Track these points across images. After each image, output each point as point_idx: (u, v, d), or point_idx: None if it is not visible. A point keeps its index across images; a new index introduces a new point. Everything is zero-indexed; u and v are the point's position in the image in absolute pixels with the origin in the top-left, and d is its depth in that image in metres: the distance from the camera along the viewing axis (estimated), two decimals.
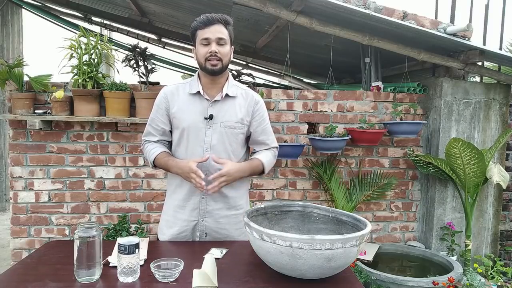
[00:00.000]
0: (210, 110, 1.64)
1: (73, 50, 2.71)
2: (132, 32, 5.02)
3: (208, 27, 1.57)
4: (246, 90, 1.74)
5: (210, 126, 1.64)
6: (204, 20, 1.57)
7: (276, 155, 1.84)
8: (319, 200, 3.15)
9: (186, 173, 1.57)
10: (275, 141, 1.83)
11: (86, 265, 1.23)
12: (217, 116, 1.64)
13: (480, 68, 3.08)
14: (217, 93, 1.67)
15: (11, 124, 2.82)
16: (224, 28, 1.59)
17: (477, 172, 2.72)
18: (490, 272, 2.95)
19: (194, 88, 1.66)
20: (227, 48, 1.61)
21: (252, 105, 1.71)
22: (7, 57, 5.18)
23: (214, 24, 1.57)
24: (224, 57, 1.59)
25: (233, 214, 1.72)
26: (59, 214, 2.92)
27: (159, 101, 1.70)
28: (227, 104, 1.67)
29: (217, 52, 1.57)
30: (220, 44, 1.58)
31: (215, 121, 1.64)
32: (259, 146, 1.78)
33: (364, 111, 3.13)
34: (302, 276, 1.24)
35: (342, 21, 2.72)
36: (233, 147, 1.68)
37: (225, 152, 1.66)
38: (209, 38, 1.56)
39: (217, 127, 1.65)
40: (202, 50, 1.58)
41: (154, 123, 1.72)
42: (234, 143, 1.69)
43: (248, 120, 1.70)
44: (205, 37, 1.57)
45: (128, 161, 2.95)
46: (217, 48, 1.57)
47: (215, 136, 1.64)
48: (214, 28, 1.57)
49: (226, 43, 1.60)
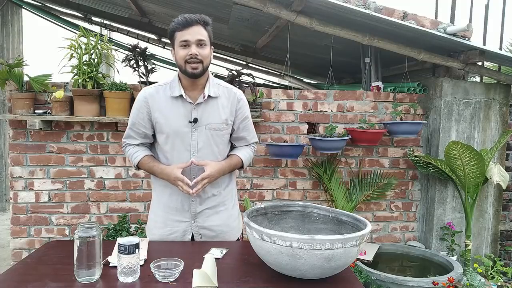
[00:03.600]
0: (194, 113, 1.62)
1: (73, 50, 2.71)
2: (132, 32, 5.02)
3: (186, 28, 1.53)
4: (228, 87, 1.72)
5: (195, 129, 1.63)
6: (182, 21, 1.54)
7: (255, 150, 1.87)
8: (319, 200, 3.15)
9: (172, 180, 1.60)
10: (255, 137, 1.83)
11: (86, 265, 1.23)
12: (201, 119, 1.62)
13: (480, 68, 3.08)
14: (198, 95, 1.63)
15: (11, 124, 2.82)
16: (203, 29, 1.56)
17: (477, 172, 2.72)
18: (490, 272, 2.95)
19: (176, 91, 1.62)
20: (207, 50, 1.57)
21: (235, 104, 1.70)
22: (7, 57, 5.18)
23: (193, 26, 1.53)
24: (204, 59, 1.56)
25: (221, 209, 1.74)
26: (59, 214, 2.92)
27: (139, 105, 1.65)
28: (210, 106, 1.64)
29: (197, 54, 1.54)
30: (200, 46, 1.55)
31: (200, 124, 1.62)
32: (240, 142, 1.79)
33: (364, 111, 3.13)
34: (302, 276, 1.24)
35: (342, 21, 2.72)
36: (219, 148, 1.68)
37: (212, 155, 1.66)
38: (188, 40, 1.53)
39: (202, 130, 1.63)
40: (182, 52, 1.55)
41: (135, 127, 1.67)
42: (221, 144, 1.69)
43: (232, 120, 1.70)
44: (184, 39, 1.53)
45: (128, 161, 2.94)
46: (197, 50, 1.54)
47: (201, 139, 1.63)
48: (193, 29, 1.53)
49: (206, 45, 1.57)
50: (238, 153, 1.75)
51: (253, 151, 1.84)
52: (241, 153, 1.75)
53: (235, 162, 1.72)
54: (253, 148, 1.84)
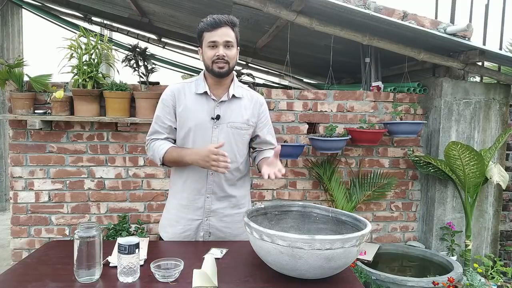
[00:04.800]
0: (217, 110, 1.66)
1: (73, 50, 2.70)
2: (132, 32, 5.02)
3: (215, 29, 1.56)
4: (251, 91, 1.77)
5: (217, 126, 1.65)
6: (211, 22, 1.57)
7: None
8: (319, 200, 3.15)
9: (205, 156, 1.52)
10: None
11: (86, 265, 1.23)
12: (223, 116, 1.66)
13: (480, 68, 3.08)
14: (223, 94, 1.68)
15: (11, 124, 2.82)
16: (231, 31, 1.59)
17: (477, 173, 2.72)
18: (490, 272, 2.95)
19: (201, 88, 1.66)
20: (234, 51, 1.61)
21: (257, 107, 1.74)
22: (7, 57, 5.18)
23: (221, 27, 1.57)
24: (231, 60, 1.60)
25: (236, 213, 1.74)
26: (59, 214, 2.92)
27: (166, 99, 1.69)
28: (233, 105, 1.69)
29: (225, 55, 1.57)
30: (228, 47, 1.59)
31: (222, 121, 1.66)
32: (266, 146, 1.81)
33: (364, 111, 3.13)
34: (302, 276, 1.24)
35: (342, 21, 2.72)
36: (239, 147, 1.70)
37: (231, 152, 1.66)
38: (217, 41, 1.57)
39: (223, 127, 1.66)
40: (210, 52, 1.59)
41: (160, 121, 1.69)
42: (240, 143, 1.71)
43: (254, 122, 1.73)
44: (213, 40, 1.57)
45: (128, 161, 2.95)
46: (224, 51, 1.57)
47: (222, 136, 1.65)
48: (221, 31, 1.57)
49: (233, 46, 1.60)
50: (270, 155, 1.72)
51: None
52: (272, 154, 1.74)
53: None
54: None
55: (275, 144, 1.82)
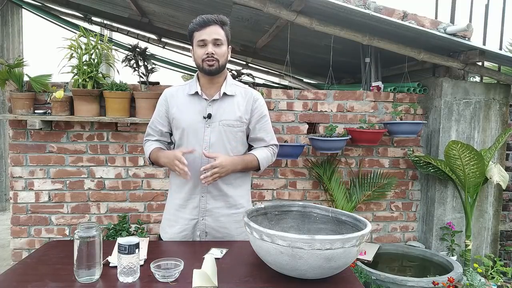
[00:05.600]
0: (209, 109, 1.67)
1: (73, 50, 2.70)
2: (132, 32, 5.02)
3: (204, 28, 1.60)
4: (246, 88, 1.76)
5: (209, 125, 1.67)
6: (200, 21, 1.60)
7: (275, 153, 1.84)
8: (319, 200, 3.15)
9: (172, 160, 1.58)
10: (275, 139, 1.83)
11: (86, 265, 1.23)
12: (215, 115, 1.67)
13: (480, 68, 3.08)
14: (215, 93, 1.69)
15: (11, 124, 2.82)
16: (220, 29, 1.62)
17: (477, 172, 2.72)
18: (490, 272, 2.95)
19: (193, 89, 1.69)
20: (224, 49, 1.63)
21: (251, 103, 1.73)
22: (7, 57, 5.18)
23: (210, 26, 1.60)
24: (220, 57, 1.62)
25: (233, 213, 1.73)
26: (59, 214, 2.92)
27: (160, 103, 1.77)
28: (226, 103, 1.69)
29: (214, 53, 1.60)
30: (217, 45, 1.61)
31: (214, 120, 1.66)
32: (258, 143, 1.79)
33: (364, 111, 3.13)
34: (302, 276, 1.24)
35: (342, 21, 2.72)
36: (232, 145, 1.70)
37: (224, 151, 1.67)
38: (205, 39, 1.60)
39: (215, 126, 1.67)
40: (199, 51, 1.62)
41: (153, 125, 1.78)
42: (233, 141, 1.70)
43: (247, 118, 1.72)
44: (202, 38, 1.60)
45: (128, 161, 2.95)
46: (213, 49, 1.60)
47: (213, 134, 1.66)
48: (210, 29, 1.60)
49: (223, 44, 1.63)
50: (254, 152, 1.75)
51: (272, 153, 1.81)
52: (257, 152, 1.74)
53: (249, 160, 1.70)
54: (272, 150, 1.81)
55: (268, 142, 1.79)
